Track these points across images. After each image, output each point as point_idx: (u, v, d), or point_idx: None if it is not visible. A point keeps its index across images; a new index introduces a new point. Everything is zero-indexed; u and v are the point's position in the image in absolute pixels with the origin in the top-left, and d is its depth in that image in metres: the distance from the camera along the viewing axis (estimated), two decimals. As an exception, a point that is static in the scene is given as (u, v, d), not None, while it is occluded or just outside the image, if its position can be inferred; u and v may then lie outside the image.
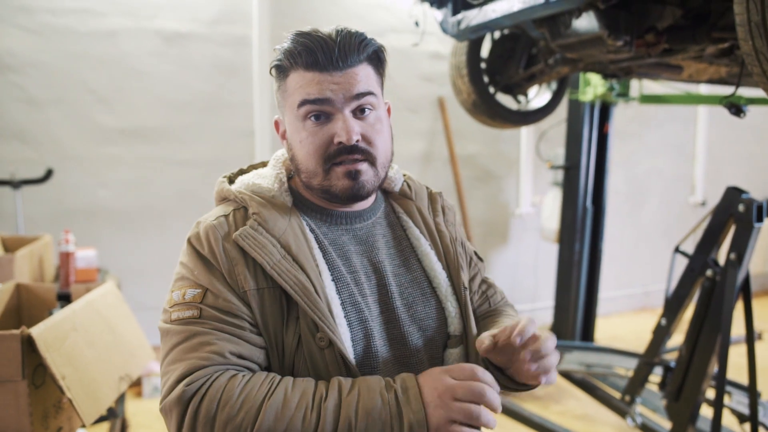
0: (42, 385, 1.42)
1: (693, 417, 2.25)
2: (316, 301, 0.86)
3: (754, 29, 1.37)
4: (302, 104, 0.91)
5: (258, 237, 0.89)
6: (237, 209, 0.95)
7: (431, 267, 1.01)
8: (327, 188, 0.94)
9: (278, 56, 0.94)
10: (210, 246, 0.90)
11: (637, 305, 5.49)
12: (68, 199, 3.43)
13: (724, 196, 2.19)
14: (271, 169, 1.01)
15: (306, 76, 0.91)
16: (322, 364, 0.86)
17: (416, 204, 1.07)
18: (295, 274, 0.88)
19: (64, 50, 3.34)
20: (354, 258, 0.96)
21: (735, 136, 5.73)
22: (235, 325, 0.86)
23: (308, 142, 0.92)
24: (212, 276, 0.88)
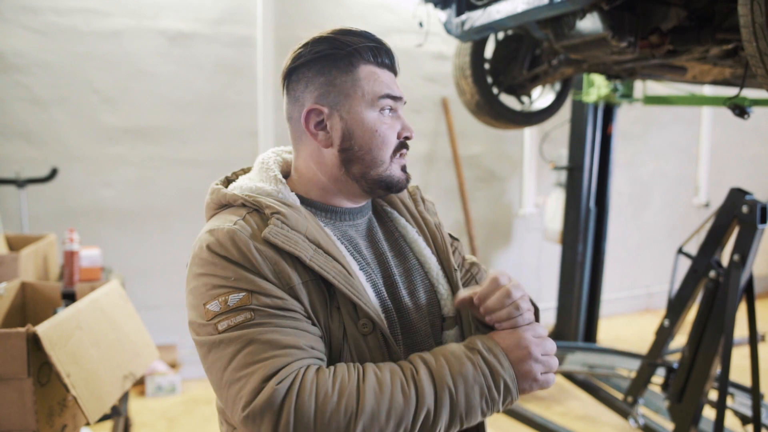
0: (47, 383, 1.43)
1: (696, 418, 2.25)
2: (358, 288, 0.88)
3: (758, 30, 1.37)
4: (384, 97, 0.94)
5: (288, 233, 0.87)
6: (249, 213, 0.92)
7: (421, 253, 1.04)
8: (386, 178, 0.96)
9: (347, 46, 0.93)
10: (240, 249, 0.85)
11: (640, 306, 5.48)
12: (73, 198, 3.45)
13: (728, 198, 2.18)
14: (261, 173, 0.99)
15: (380, 72, 0.95)
16: (366, 351, 0.87)
17: (398, 196, 1.09)
18: (334, 264, 0.88)
19: (69, 50, 3.35)
20: (363, 251, 0.98)
21: (739, 137, 5.71)
22: (292, 318, 0.84)
23: (386, 133, 0.95)
24: (253, 276, 0.84)
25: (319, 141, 0.95)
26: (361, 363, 0.85)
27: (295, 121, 0.98)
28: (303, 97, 0.96)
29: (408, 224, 1.06)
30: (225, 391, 0.81)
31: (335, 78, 0.94)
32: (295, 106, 0.97)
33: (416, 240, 1.05)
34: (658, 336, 2.54)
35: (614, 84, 3.53)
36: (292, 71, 0.97)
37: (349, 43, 0.93)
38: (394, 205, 1.08)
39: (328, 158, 0.96)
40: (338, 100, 0.94)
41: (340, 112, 0.94)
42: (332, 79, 0.94)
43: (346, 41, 0.93)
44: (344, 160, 0.95)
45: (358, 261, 0.95)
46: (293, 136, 1.00)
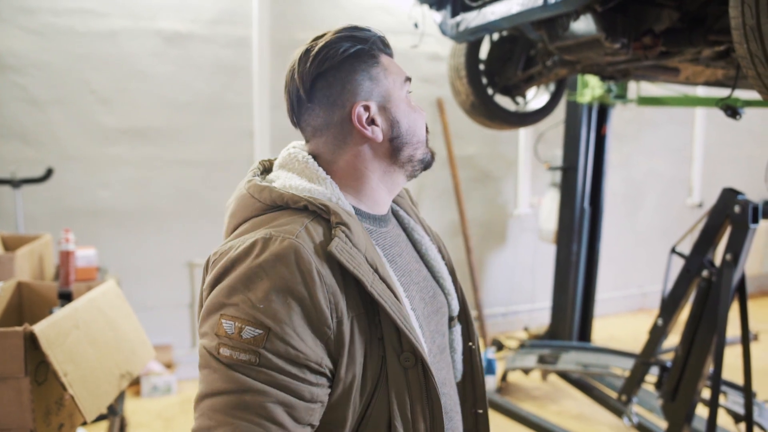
0: (44, 382, 1.44)
1: (689, 417, 2.27)
2: (410, 322, 0.83)
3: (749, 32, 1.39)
4: (407, 80, 0.96)
5: (352, 252, 0.80)
6: (312, 220, 0.83)
7: (436, 260, 1.05)
8: (425, 158, 0.98)
9: (367, 40, 0.92)
10: (299, 268, 0.76)
11: (634, 306, 5.51)
12: (69, 198, 3.45)
13: (720, 198, 2.20)
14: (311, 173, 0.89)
15: (392, 61, 0.97)
16: (404, 386, 0.82)
17: (405, 201, 1.09)
18: (389, 293, 0.82)
19: (66, 51, 3.35)
20: (398, 259, 0.95)
21: (732, 138, 5.75)
22: (296, 377, 0.76)
23: (418, 114, 0.97)
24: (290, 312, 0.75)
25: (373, 136, 0.90)
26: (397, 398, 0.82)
27: (336, 126, 0.90)
28: (343, 99, 0.89)
29: (421, 230, 1.07)
30: (196, 413, 0.77)
31: (369, 72, 0.91)
32: (334, 110, 0.89)
33: (430, 247, 1.05)
34: (652, 335, 2.56)
35: (608, 85, 3.55)
36: (318, 77, 0.89)
37: (366, 38, 0.92)
38: (408, 212, 1.07)
39: (380, 152, 0.92)
40: (379, 92, 0.92)
41: (383, 104, 0.92)
42: (367, 75, 0.91)
43: (363, 36, 0.92)
44: (395, 148, 0.93)
45: (401, 280, 0.91)
46: (334, 142, 0.91)
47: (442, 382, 0.95)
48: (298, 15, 3.87)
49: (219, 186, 3.75)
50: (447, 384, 0.98)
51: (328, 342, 0.78)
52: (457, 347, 1.07)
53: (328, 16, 3.94)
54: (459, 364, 1.07)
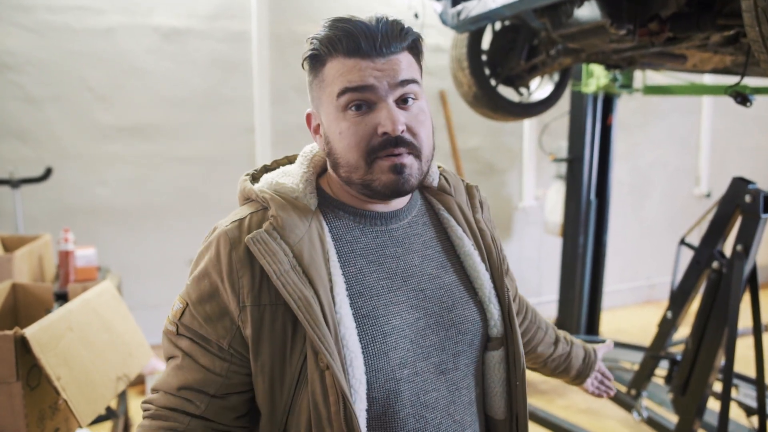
0: (37, 387, 1.40)
1: (700, 410, 2.23)
2: (317, 320, 0.80)
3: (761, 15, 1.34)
4: (343, 92, 0.83)
5: (270, 243, 0.83)
6: (256, 211, 0.89)
7: (474, 268, 0.97)
8: (369, 183, 0.86)
9: (313, 45, 0.86)
10: (217, 255, 0.86)
11: (642, 298, 5.46)
12: (68, 197, 3.42)
13: (730, 187, 2.16)
14: (297, 167, 0.94)
15: (347, 63, 0.83)
16: (321, 387, 0.81)
17: (456, 199, 1.01)
18: (302, 288, 0.81)
19: (63, 48, 3.32)
20: (389, 262, 0.91)
21: (740, 126, 5.68)
22: (202, 347, 0.86)
23: (349, 133, 0.84)
24: (201, 291, 0.87)
25: (319, 143, 0.92)
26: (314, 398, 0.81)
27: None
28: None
29: (464, 235, 0.98)
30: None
31: (313, 80, 0.89)
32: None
33: (471, 255, 0.97)
34: (661, 328, 2.52)
35: (613, 74, 3.50)
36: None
37: (325, 37, 0.85)
38: (451, 211, 0.99)
39: (329, 162, 0.91)
40: (318, 104, 0.89)
41: (321, 116, 0.90)
42: (312, 82, 0.89)
43: (322, 36, 0.85)
44: (333, 164, 0.89)
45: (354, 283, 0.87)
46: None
47: (425, 404, 0.88)
48: (297, 8, 3.82)
49: (219, 182, 3.71)
50: (435, 408, 0.89)
51: (236, 325, 0.84)
52: (494, 375, 0.97)
53: (326, 8, 3.89)
54: (498, 398, 0.97)
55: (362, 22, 0.85)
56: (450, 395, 0.91)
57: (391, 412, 0.86)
